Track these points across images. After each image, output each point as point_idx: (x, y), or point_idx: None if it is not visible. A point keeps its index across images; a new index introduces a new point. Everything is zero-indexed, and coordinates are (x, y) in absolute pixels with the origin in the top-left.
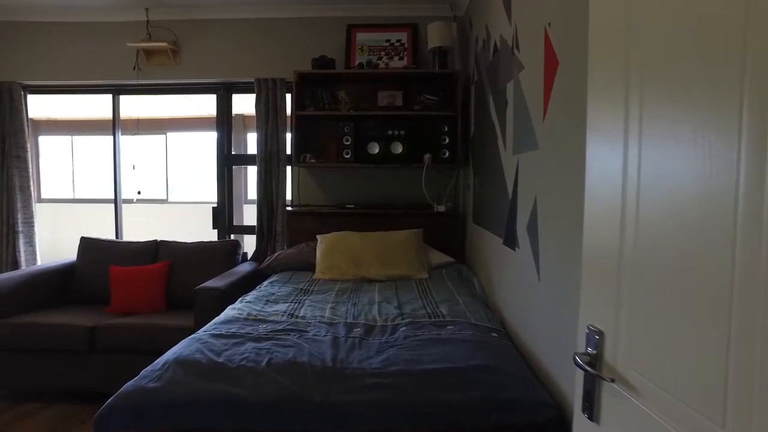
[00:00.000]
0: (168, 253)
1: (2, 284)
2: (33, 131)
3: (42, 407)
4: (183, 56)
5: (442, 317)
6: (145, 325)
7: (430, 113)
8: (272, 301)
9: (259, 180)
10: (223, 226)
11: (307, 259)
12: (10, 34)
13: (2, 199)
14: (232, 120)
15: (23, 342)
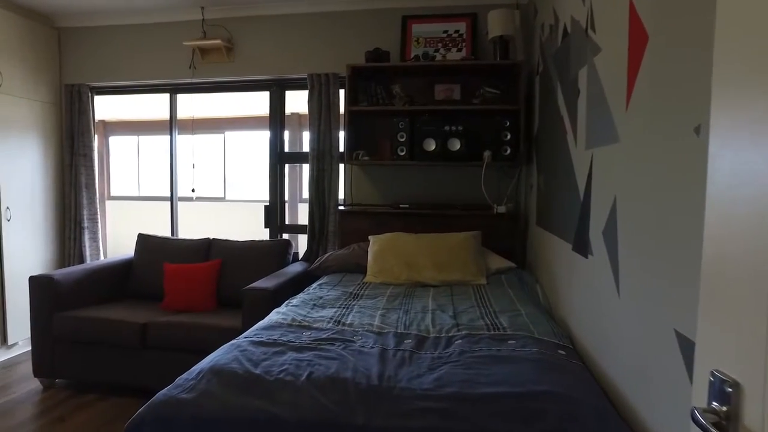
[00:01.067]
0: (220, 251)
1: (65, 278)
2: (104, 132)
3: (98, 399)
4: (237, 53)
5: (502, 330)
6: (194, 325)
7: (491, 107)
8: (319, 305)
9: (311, 178)
10: (275, 225)
11: (359, 261)
12: (79, 40)
13: (71, 196)
14: (285, 117)
15: (82, 335)
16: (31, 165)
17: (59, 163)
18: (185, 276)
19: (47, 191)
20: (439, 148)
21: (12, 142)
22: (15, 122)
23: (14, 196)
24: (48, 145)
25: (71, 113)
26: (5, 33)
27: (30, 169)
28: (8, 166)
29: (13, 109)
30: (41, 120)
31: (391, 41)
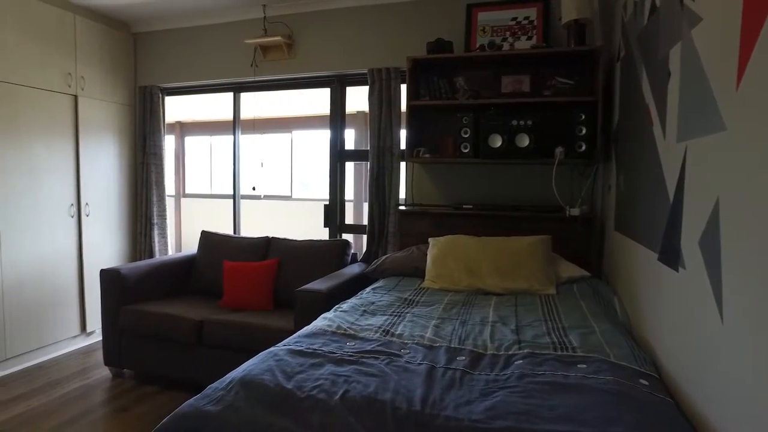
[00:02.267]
0: (278, 250)
1: (131, 272)
2: (181, 132)
3: (159, 391)
4: (297, 50)
5: (571, 350)
6: (247, 324)
7: (564, 99)
8: (369, 312)
9: (371, 177)
10: (334, 224)
11: (417, 264)
12: (152, 43)
13: (142, 193)
14: (345, 114)
15: (144, 328)
16: (108, 164)
17: (132, 161)
18: (243, 274)
19: (121, 189)
20: (505, 145)
21: (91, 142)
22: (94, 123)
23: (92, 193)
24: (122, 144)
25: (144, 114)
26: (89, 41)
27: (106, 167)
28: (88, 165)
29: (93, 111)
30: (117, 121)
31: (455, 31)
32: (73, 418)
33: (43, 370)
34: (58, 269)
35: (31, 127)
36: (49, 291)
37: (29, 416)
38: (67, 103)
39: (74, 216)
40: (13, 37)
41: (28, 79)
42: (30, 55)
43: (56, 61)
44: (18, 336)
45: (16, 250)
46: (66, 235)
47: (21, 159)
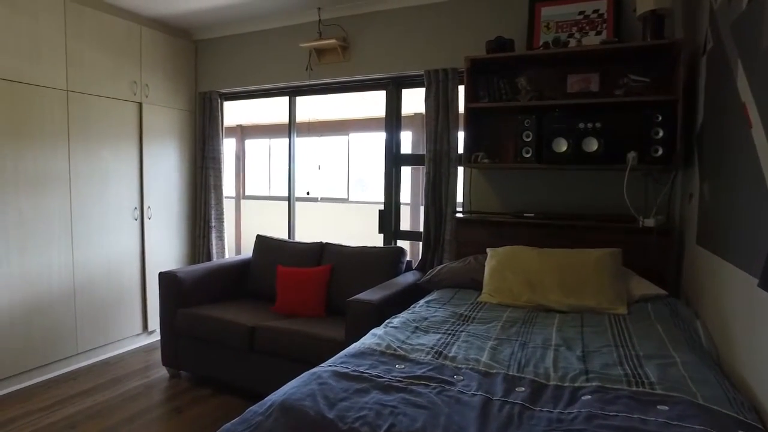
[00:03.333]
0: (332, 256)
1: (187, 276)
2: (241, 135)
3: (212, 394)
4: (352, 52)
5: (649, 386)
6: (298, 333)
7: (638, 99)
8: (422, 329)
9: (427, 182)
10: (389, 230)
11: (474, 275)
12: (211, 50)
13: (201, 196)
14: (401, 117)
15: (199, 332)
16: (169, 168)
17: (192, 166)
18: (296, 279)
19: (181, 192)
20: (571, 149)
21: (154, 147)
22: (157, 129)
23: (154, 197)
24: (183, 149)
25: (203, 119)
26: (153, 50)
27: (167, 171)
28: (151, 169)
29: (156, 118)
30: (178, 126)
31: (516, 28)
32: (132, 417)
33: (108, 366)
34: (123, 270)
35: (101, 135)
36: (115, 290)
37: (94, 411)
38: (133, 111)
39: (137, 219)
40: (89, 51)
41: (100, 89)
42: (102, 66)
43: (124, 70)
44: (88, 332)
45: (86, 252)
46: (130, 237)
47: (92, 165)
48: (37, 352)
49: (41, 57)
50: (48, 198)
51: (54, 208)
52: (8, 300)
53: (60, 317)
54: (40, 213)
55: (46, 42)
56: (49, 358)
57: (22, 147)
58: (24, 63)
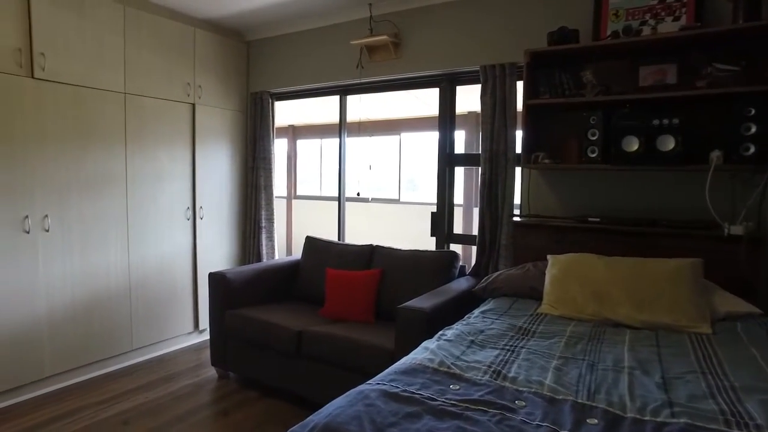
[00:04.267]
0: (382, 259)
1: (236, 277)
2: (293, 135)
3: (258, 398)
4: (404, 49)
5: (753, 427)
6: (345, 339)
7: (726, 90)
8: (478, 343)
9: (483, 183)
10: (441, 233)
11: (533, 284)
12: (262, 50)
13: (252, 197)
14: (455, 115)
15: (246, 334)
16: (220, 168)
17: (243, 166)
18: (345, 283)
19: (232, 193)
20: (643, 148)
21: (206, 148)
22: (209, 130)
23: (206, 197)
24: (234, 149)
25: (254, 119)
26: (206, 51)
27: (219, 172)
28: (203, 170)
29: (208, 118)
30: (229, 127)
31: (581, 18)
32: (180, 417)
33: (161, 363)
34: (176, 269)
35: (155, 136)
36: (168, 289)
37: (145, 408)
38: (186, 112)
39: (190, 219)
40: (145, 54)
41: (155, 91)
42: (157, 68)
43: (178, 72)
44: (142, 329)
45: (141, 250)
46: (183, 237)
47: (146, 166)
48: (96, 346)
49: (103, 62)
50: (106, 198)
51: (111, 208)
52: (71, 296)
53: (117, 314)
54: (98, 213)
55: (108, 47)
56: (107, 353)
57: (83, 149)
58: (88, 68)
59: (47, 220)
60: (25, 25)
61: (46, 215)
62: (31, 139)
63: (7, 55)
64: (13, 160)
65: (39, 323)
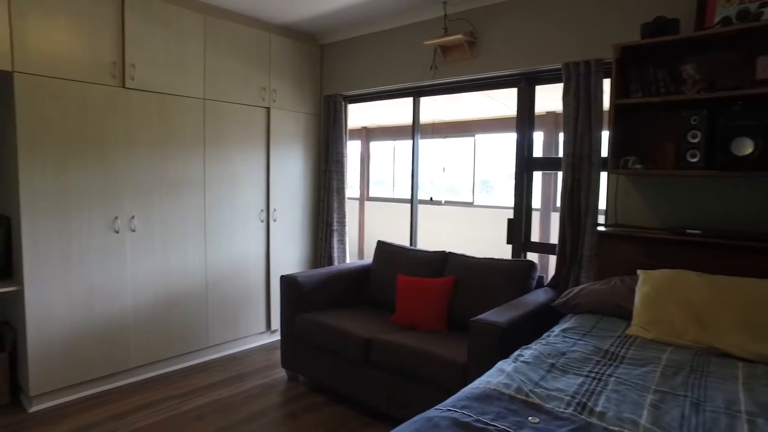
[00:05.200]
0: (455, 266)
1: (308, 281)
2: (366, 137)
3: (325, 403)
4: (480, 48)
5: None
6: (416, 350)
7: None
8: (559, 367)
9: (564, 189)
10: (518, 241)
11: (620, 301)
12: (335, 53)
13: (324, 199)
14: (534, 116)
15: (316, 338)
16: (294, 171)
17: (316, 169)
18: (417, 290)
19: (305, 195)
20: (759, 152)
21: (280, 150)
22: (284, 133)
23: (279, 199)
24: (307, 152)
25: (327, 122)
26: (281, 56)
27: (292, 174)
28: (277, 172)
29: (282, 122)
30: (303, 130)
31: (681, 6)
32: (251, 417)
33: (234, 361)
34: (250, 270)
35: (232, 140)
36: (242, 289)
37: (218, 406)
38: (261, 116)
39: (264, 221)
40: (224, 61)
41: (232, 96)
42: (235, 74)
43: (254, 77)
44: (218, 327)
45: (217, 251)
46: (256, 238)
47: (223, 169)
48: (175, 342)
49: (185, 69)
50: (185, 200)
51: (190, 210)
52: (153, 293)
53: (194, 312)
54: (178, 214)
55: (189, 56)
56: (185, 348)
57: (166, 153)
58: (171, 76)
59: (134, 221)
60: (119, 39)
61: (132, 216)
62: (121, 145)
63: (104, 68)
64: (106, 165)
65: (126, 317)
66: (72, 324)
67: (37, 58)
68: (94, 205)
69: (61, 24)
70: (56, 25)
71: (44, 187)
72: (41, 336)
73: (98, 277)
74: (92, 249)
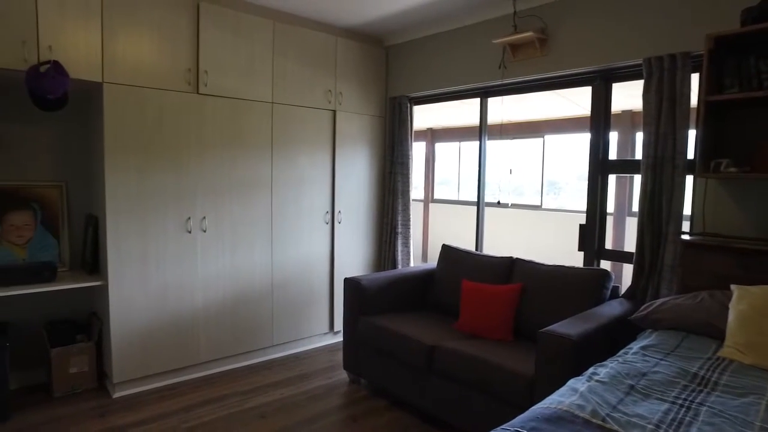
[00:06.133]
0: (523, 273)
1: (371, 284)
2: (431, 139)
3: (387, 408)
4: (551, 45)
5: None
6: (481, 360)
7: None
8: (640, 390)
9: (643, 194)
10: (591, 249)
11: (710, 319)
12: (401, 54)
13: (388, 201)
14: (610, 116)
15: (378, 342)
16: (359, 173)
17: (381, 170)
18: (482, 297)
19: (370, 197)
20: None
21: (346, 153)
22: (349, 135)
23: (344, 201)
24: (372, 154)
25: (392, 124)
26: (346, 59)
27: (357, 176)
28: (342, 174)
29: (348, 124)
30: (368, 132)
31: None
32: (312, 418)
33: (298, 361)
34: (314, 270)
35: (298, 143)
36: (306, 290)
37: (281, 405)
38: (327, 118)
39: (328, 223)
40: (291, 65)
41: (299, 100)
42: (302, 78)
43: (320, 80)
44: (282, 326)
45: (283, 252)
46: (321, 240)
47: (290, 171)
48: (241, 339)
49: (254, 74)
50: (253, 202)
51: (257, 211)
52: (222, 291)
53: (260, 311)
54: (247, 216)
55: (258, 61)
56: (250, 346)
57: (236, 157)
58: (242, 82)
59: (205, 222)
60: (194, 47)
61: (204, 217)
62: (194, 149)
63: (181, 75)
64: (181, 168)
65: (197, 314)
66: (149, 318)
67: (122, 69)
68: (169, 206)
69: (143, 36)
70: (139, 37)
71: (126, 190)
72: (122, 328)
73: (172, 274)
74: (167, 248)
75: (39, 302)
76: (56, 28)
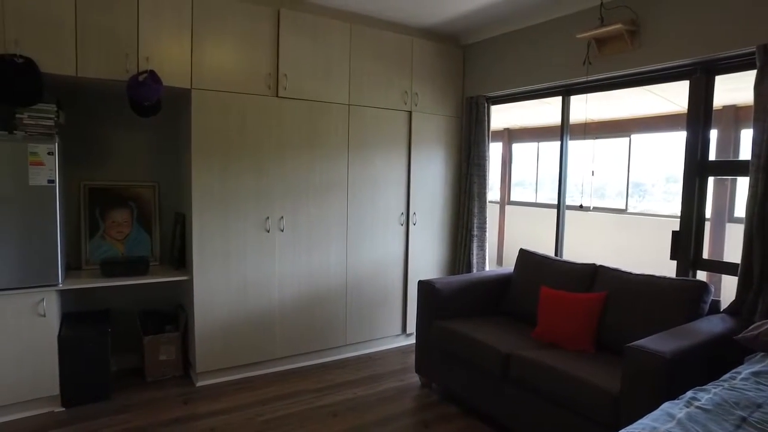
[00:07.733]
0: (606, 282)
1: (445, 288)
2: (508, 139)
3: (459, 414)
4: (643, 37)
5: None
6: (561, 372)
7: None
8: (753, 424)
9: (752, 198)
10: (686, 258)
11: None
12: (478, 53)
13: (464, 204)
14: (711, 113)
15: (451, 348)
16: (434, 174)
17: (456, 172)
18: (562, 305)
19: (445, 199)
20: None
21: (421, 154)
22: (424, 136)
23: (419, 203)
24: (448, 155)
25: (469, 125)
26: (422, 59)
27: (433, 178)
28: (417, 176)
29: (423, 125)
30: (444, 133)
31: None
32: (383, 420)
33: (370, 361)
34: (388, 272)
35: (374, 144)
36: (380, 291)
37: (353, 404)
38: (403, 119)
39: (403, 224)
40: (367, 66)
41: (375, 101)
42: (378, 79)
43: (396, 81)
44: (356, 326)
45: (358, 252)
46: (395, 241)
47: (366, 172)
48: (315, 338)
49: (331, 77)
50: (329, 203)
51: (333, 212)
52: (298, 290)
53: (334, 310)
54: (323, 217)
55: (335, 64)
56: (324, 345)
57: (313, 158)
58: (320, 84)
59: (283, 221)
60: (274, 52)
61: (281, 217)
62: (273, 150)
63: (261, 79)
64: (261, 169)
65: (273, 311)
66: (229, 312)
67: (208, 76)
68: (250, 205)
69: (228, 44)
70: (224, 45)
71: (210, 189)
72: (205, 320)
73: (251, 271)
74: (247, 245)
75: (133, 293)
76: (153, 40)
